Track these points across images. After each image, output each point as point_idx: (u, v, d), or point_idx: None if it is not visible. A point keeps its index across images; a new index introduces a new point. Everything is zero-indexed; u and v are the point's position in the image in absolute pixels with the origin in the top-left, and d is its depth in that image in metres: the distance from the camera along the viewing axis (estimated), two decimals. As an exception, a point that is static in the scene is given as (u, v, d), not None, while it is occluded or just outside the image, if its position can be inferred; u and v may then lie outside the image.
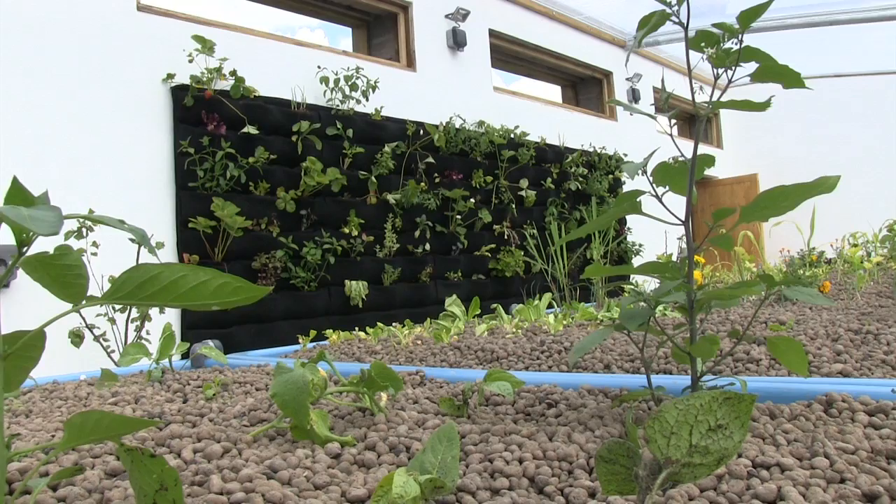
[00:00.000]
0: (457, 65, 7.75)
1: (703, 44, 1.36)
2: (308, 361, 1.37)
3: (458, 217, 7.00)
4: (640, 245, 8.80)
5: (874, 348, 1.80)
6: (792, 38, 10.93)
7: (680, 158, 1.39)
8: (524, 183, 7.77)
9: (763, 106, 1.29)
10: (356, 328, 3.91)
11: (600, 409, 1.39)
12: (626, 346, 2.12)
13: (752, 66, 1.36)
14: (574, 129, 8.80)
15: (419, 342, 2.72)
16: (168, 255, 5.06)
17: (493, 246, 7.29)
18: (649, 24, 1.35)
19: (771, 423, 1.24)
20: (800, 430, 1.17)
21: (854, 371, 1.66)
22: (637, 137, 9.74)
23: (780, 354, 1.29)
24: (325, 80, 6.15)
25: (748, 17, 1.30)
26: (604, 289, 4.27)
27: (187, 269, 0.73)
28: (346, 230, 6.07)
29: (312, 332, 3.12)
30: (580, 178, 8.46)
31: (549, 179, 8.16)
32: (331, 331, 3.10)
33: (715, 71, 1.40)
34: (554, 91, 10.56)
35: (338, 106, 6.24)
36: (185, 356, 2.86)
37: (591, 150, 8.86)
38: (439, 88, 7.43)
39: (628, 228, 8.86)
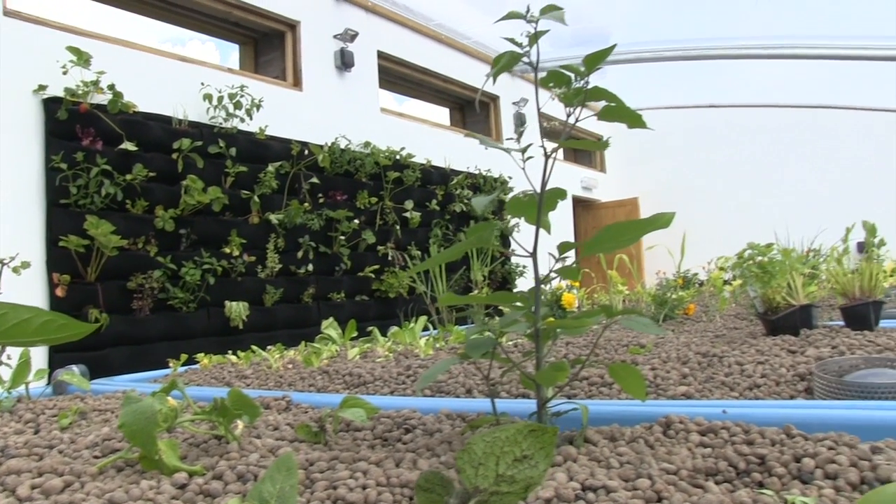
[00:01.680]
0: (344, 85, 7.76)
1: (551, 84, 1.42)
2: (158, 391, 1.36)
3: (342, 238, 6.99)
4: (524, 267, 8.98)
5: (717, 371, 1.92)
6: (675, 69, 11.43)
7: (529, 192, 1.45)
8: (409, 204, 7.84)
9: (602, 145, 1.37)
10: (234, 350, 3.86)
11: (452, 435, 1.43)
12: (503, 371, 2.18)
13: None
14: (461, 152, 8.92)
15: (290, 366, 2.71)
16: (36, 274, 4.87)
17: (376, 267, 7.31)
18: (500, 63, 1.41)
19: (609, 445, 1.30)
20: (633, 453, 1.24)
21: (696, 393, 1.76)
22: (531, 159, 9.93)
23: (620, 380, 1.35)
24: (208, 97, 6.07)
25: (593, 61, 1.38)
26: (482, 312, 4.35)
27: (7, 308, 0.73)
28: (228, 250, 5.98)
29: (183, 357, 3.07)
30: (465, 200, 8.58)
31: (435, 201, 8.25)
32: (202, 355, 3.06)
33: (566, 109, 1.47)
34: (442, 113, 10.70)
35: (221, 124, 6.15)
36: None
37: (477, 172, 9.01)
38: (326, 108, 7.42)
39: (512, 250, 9.01)
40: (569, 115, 1.46)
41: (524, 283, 9.08)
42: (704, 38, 10.22)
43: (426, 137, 8.62)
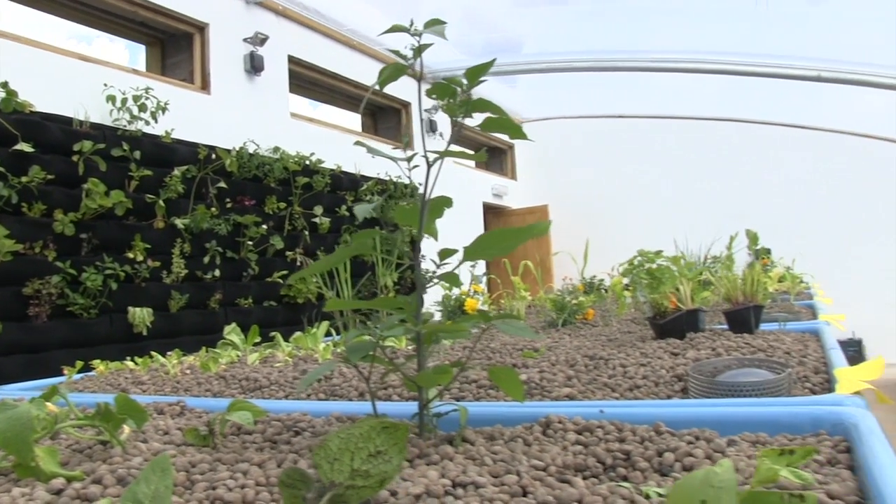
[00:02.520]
0: (253, 89, 7.70)
1: (434, 95, 1.47)
2: (38, 397, 1.35)
3: (250, 243, 6.93)
4: (435, 273, 9.04)
5: (602, 373, 2.00)
6: (585, 79, 11.70)
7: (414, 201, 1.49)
8: (318, 210, 7.82)
9: (480, 157, 1.42)
10: (137, 357, 3.79)
11: (338, 436, 1.46)
12: (384, 374, 2.21)
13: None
14: (371, 158, 8.94)
15: (188, 371, 2.70)
16: (-77, 279, 4.70)
17: (285, 272, 7.27)
18: (384, 75, 1.45)
19: (486, 444, 1.35)
20: (508, 451, 1.29)
21: (579, 394, 1.83)
22: (434, 167, 10.03)
23: (499, 382, 1.41)
24: (111, 98, 5.95)
25: (475, 74, 1.43)
26: (357, 318, 4.38)
27: None
28: (131, 255, 5.88)
29: (79, 363, 3.01)
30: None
31: (344, 207, 8.25)
32: (98, 361, 3.01)
33: (452, 120, 1.52)
34: (355, 119, 10.70)
35: (125, 126, 6.04)
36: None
37: (388, 178, 9.04)
38: (234, 112, 7.35)
39: (423, 256, 9.08)
40: (454, 126, 1.51)
41: (437, 289, 9.15)
42: (613, 49, 10.50)
43: (337, 143, 8.61)
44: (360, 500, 0.75)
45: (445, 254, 1.41)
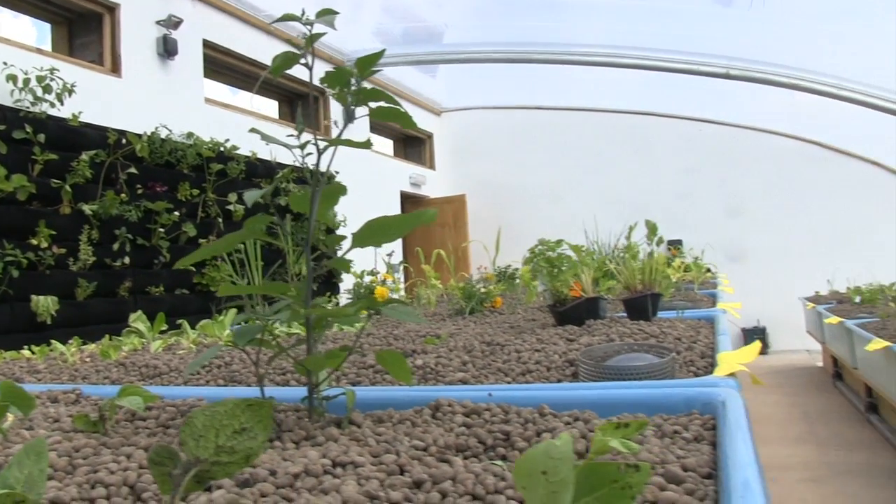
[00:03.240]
0: (166, 73, 7.55)
1: (325, 84, 1.49)
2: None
3: (162, 230, 6.81)
4: (351, 261, 9.01)
5: (497, 358, 2.05)
6: (503, 70, 11.80)
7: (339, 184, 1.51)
8: (233, 197, 7.73)
9: (365, 145, 1.45)
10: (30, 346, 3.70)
11: (228, 420, 1.47)
12: (281, 360, 2.23)
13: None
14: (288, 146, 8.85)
15: (88, 360, 2.65)
16: None
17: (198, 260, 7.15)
18: (276, 63, 1.46)
19: (373, 427, 1.38)
20: (392, 433, 1.32)
21: (472, 378, 1.88)
22: (353, 155, 10.01)
23: (387, 365, 1.44)
24: (12, 78, 5.75)
25: (365, 63, 1.45)
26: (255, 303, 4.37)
27: None
28: (35, 241, 5.71)
29: (-28, 352, 2.94)
30: (291, 193, 8.55)
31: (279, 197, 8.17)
32: (-7, 349, 2.93)
33: (344, 108, 1.54)
34: (271, 106, 10.58)
35: (28, 108, 5.85)
36: None
37: (304, 165, 8.96)
38: (146, 96, 7.19)
39: (339, 245, 9.06)
40: (346, 115, 1.53)
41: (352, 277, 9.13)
42: (533, 41, 10.61)
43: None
44: (227, 476, 0.78)
45: (333, 240, 1.43)
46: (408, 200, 12.40)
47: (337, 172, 9.23)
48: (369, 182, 10.35)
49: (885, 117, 9.17)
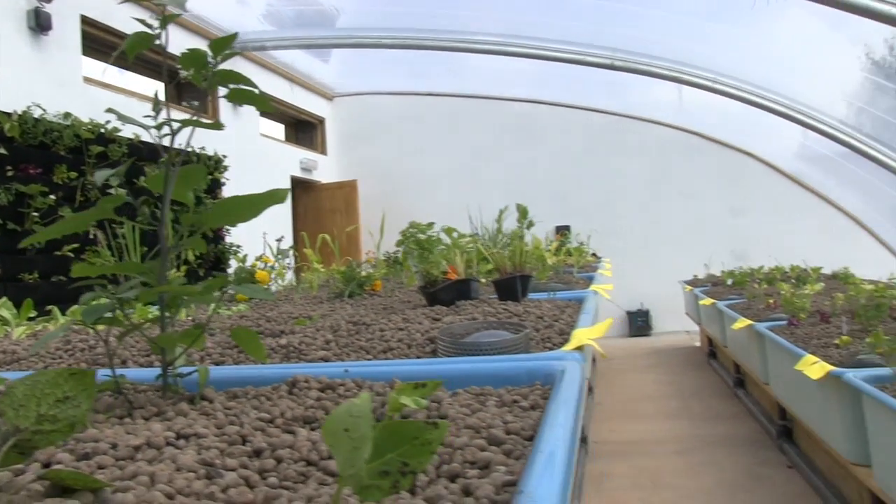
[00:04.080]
0: (39, 50, 7.25)
1: (180, 66, 1.50)
2: None
3: (36, 214, 6.56)
4: (239, 247, 8.91)
5: (360, 337, 2.10)
6: (399, 56, 11.79)
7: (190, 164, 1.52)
8: (115, 181, 7.51)
9: (216, 125, 1.47)
10: None
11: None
12: (120, 336, 2.22)
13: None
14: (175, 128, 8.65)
15: (-56, 346, 2.57)
16: None
17: (76, 246, 6.94)
18: (127, 43, 1.46)
19: (225, 402, 1.41)
20: (242, 407, 1.36)
21: (333, 356, 1.93)
22: (242, 139, 9.90)
23: (241, 343, 1.48)
24: None
25: (219, 46, 1.47)
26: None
27: None
28: None
29: None
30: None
31: (143, 178, 7.96)
32: None
33: (202, 90, 1.55)
34: (157, 86, 10.31)
35: None
36: None
37: (191, 149, 8.78)
38: (16, 73, 6.89)
39: (227, 230, 8.95)
40: (206, 95, 1.55)
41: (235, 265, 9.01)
42: (426, 28, 10.65)
43: (136, 111, 8.25)
44: (50, 444, 0.80)
45: (188, 220, 1.45)
46: (299, 186, 12.30)
47: (224, 156, 9.11)
48: (259, 167, 10.22)
49: (755, 111, 9.63)
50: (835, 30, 8.03)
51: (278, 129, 12.87)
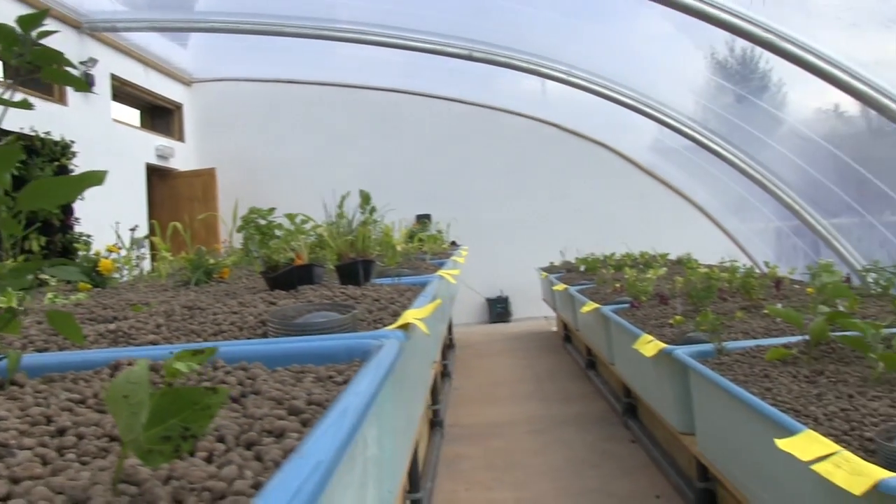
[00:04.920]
0: None
1: None
2: None
3: None
4: (90, 236, 8.58)
5: (193, 321, 2.10)
6: (260, 42, 11.55)
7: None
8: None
9: (23, 104, 1.44)
10: None
11: None
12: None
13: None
14: (12, 110, 8.23)
15: None
16: None
17: None
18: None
19: (36, 386, 1.39)
20: (51, 390, 1.35)
21: (162, 340, 1.92)
22: (91, 125, 9.51)
23: (56, 326, 1.46)
24: None
25: (27, 22, 1.44)
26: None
27: None
28: None
29: None
30: (19, 164, 7.96)
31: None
32: None
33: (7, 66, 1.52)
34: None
35: None
36: None
37: (34, 133, 8.38)
38: None
39: (76, 219, 8.60)
40: (15, 74, 1.51)
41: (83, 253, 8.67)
42: (287, 14, 10.50)
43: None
44: None
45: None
46: (154, 174, 11.92)
47: (72, 142, 8.73)
48: (111, 153, 9.83)
49: (614, 105, 10.00)
50: (682, 31, 8.44)
51: (133, 115, 12.41)
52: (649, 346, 3.76)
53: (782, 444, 2.14)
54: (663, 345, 3.64)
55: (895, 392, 2.51)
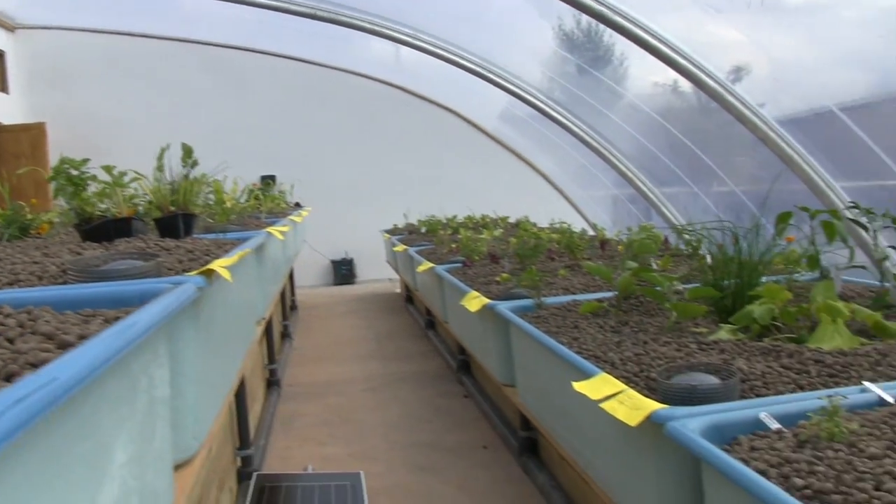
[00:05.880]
0: None
1: None
2: None
3: None
4: None
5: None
6: None
7: None
8: None
9: None
10: None
11: None
12: None
13: None
14: None
15: None
16: None
17: None
18: None
19: None
20: None
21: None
22: None
23: None
24: None
25: None
26: None
27: None
28: None
29: None
30: None
31: None
32: None
33: None
34: None
35: None
36: None
37: None
38: None
39: None
40: None
41: None
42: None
43: None
44: None
45: None
46: None
47: None
48: None
49: (466, 73, 10.06)
50: (529, 1, 8.61)
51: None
52: (475, 301, 3.89)
53: (578, 386, 2.29)
54: (487, 300, 3.78)
55: (683, 338, 2.73)
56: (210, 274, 1.85)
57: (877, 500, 1.38)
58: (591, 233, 6.99)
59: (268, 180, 10.78)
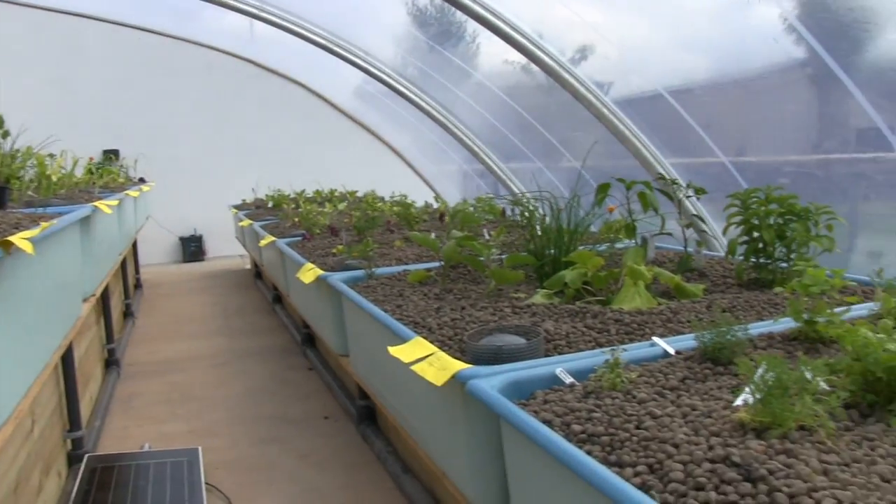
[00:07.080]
0: None
1: None
2: None
3: None
4: None
5: None
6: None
7: None
8: None
9: None
10: None
11: None
12: None
13: None
14: None
15: None
16: None
17: None
18: None
19: None
20: None
21: None
22: None
23: None
24: None
25: None
26: None
27: None
28: None
29: None
30: None
31: None
32: None
33: None
34: None
35: None
36: None
37: None
38: None
39: None
40: None
41: None
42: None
43: None
44: None
45: None
46: None
47: None
48: None
49: (320, 50, 9.89)
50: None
51: None
52: (309, 273, 3.93)
53: (393, 350, 2.38)
54: (321, 272, 3.83)
55: (499, 303, 2.87)
56: (7, 246, 1.81)
57: (635, 437, 1.52)
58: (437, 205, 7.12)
59: (110, 155, 10.36)
